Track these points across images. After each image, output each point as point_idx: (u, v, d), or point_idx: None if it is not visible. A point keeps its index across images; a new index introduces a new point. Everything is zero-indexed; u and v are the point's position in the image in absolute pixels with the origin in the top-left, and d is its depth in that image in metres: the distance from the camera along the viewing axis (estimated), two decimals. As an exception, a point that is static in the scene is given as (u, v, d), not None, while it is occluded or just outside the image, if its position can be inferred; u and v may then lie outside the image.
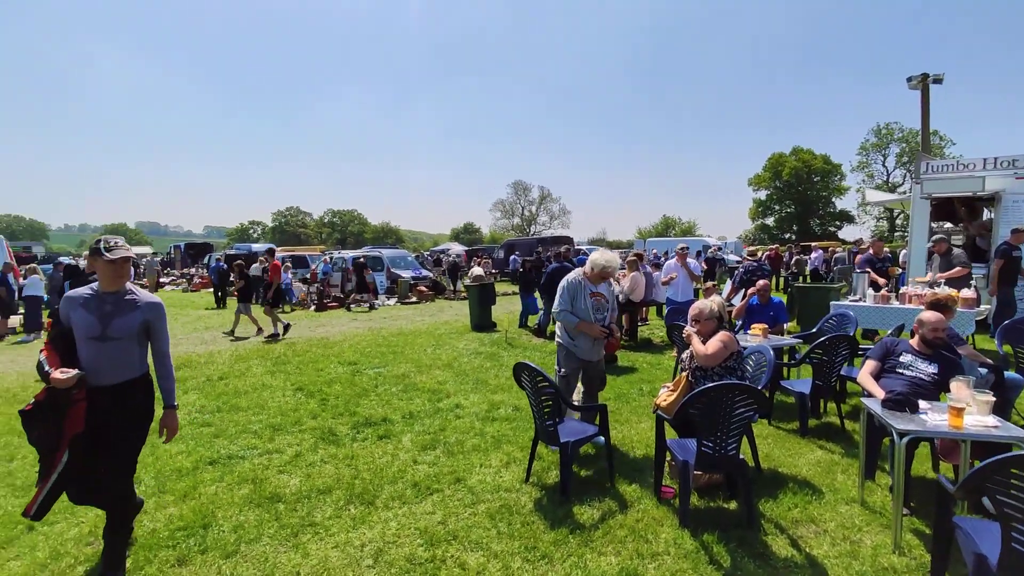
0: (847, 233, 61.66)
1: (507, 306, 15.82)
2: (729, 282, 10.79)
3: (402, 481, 4.20)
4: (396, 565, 3.11)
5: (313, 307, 16.96)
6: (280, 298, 11.51)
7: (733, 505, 3.73)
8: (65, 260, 15.98)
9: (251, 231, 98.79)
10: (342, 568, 3.09)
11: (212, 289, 20.33)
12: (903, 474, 3.23)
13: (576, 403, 4.74)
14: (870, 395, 3.81)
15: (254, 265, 20.02)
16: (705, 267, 20.05)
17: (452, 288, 21.05)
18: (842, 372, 5.29)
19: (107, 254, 2.91)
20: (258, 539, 3.41)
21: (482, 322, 11.63)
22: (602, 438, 4.22)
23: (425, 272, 21.66)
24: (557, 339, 4.76)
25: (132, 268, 9.56)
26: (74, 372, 2.76)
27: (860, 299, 8.30)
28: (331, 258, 21.35)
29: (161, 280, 26.09)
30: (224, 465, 4.57)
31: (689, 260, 9.23)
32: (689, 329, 4.30)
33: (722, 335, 4.03)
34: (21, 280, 12.88)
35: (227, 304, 19.90)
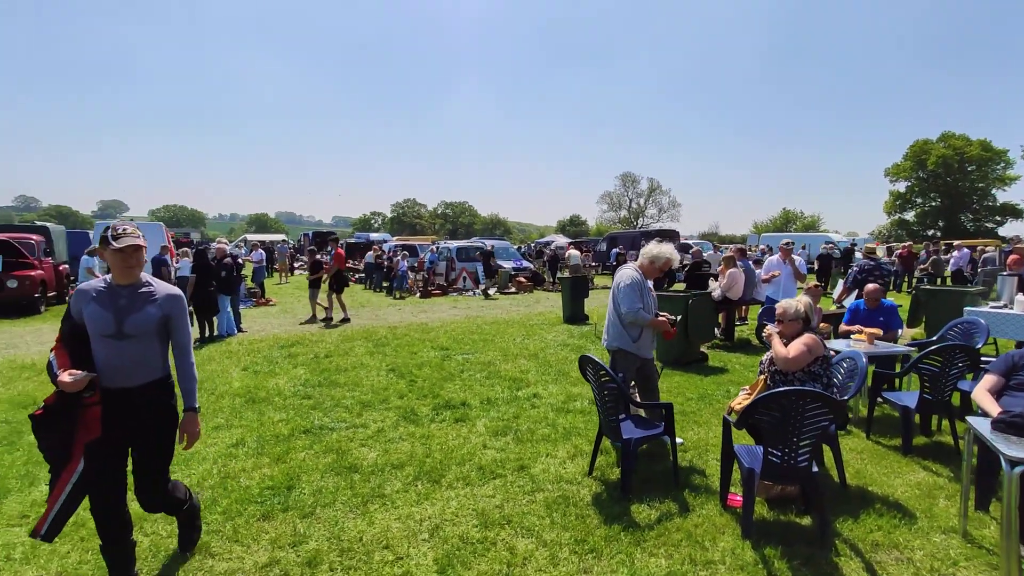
0: (1012, 229, 53.26)
1: (602, 299, 15.62)
2: (841, 283, 9.86)
3: (470, 463, 4.36)
4: (449, 542, 3.25)
5: (419, 294, 17.86)
6: (343, 284, 11.98)
7: (807, 521, 3.47)
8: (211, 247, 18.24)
9: (372, 221, 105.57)
10: (400, 539, 3.29)
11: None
12: (1015, 509, 2.81)
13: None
14: (985, 413, 3.35)
15: (368, 253, 21.44)
16: (816, 265, 18.49)
17: (552, 280, 21.13)
18: (962, 386, 4.67)
19: (114, 243, 2.57)
20: (332, 504, 3.72)
21: (574, 314, 11.60)
22: (667, 437, 4.08)
23: (526, 263, 21.95)
24: (612, 343, 4.55)
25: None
26: (82, 374, 2.48)
27: (1006, 306, 7.22)
28: (437, 248, 22.29)
29: (293, 265, 28.65)
30: (315, 435, 5.01)
31: (796, 256, 8.55)
32: (771, 328, 4.03)
33: (806, 338, 3.73)
34: (175, 263, 14.87)
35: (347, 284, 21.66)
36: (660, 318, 4.43)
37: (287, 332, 10.57)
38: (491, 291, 17.54)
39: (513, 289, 18.92)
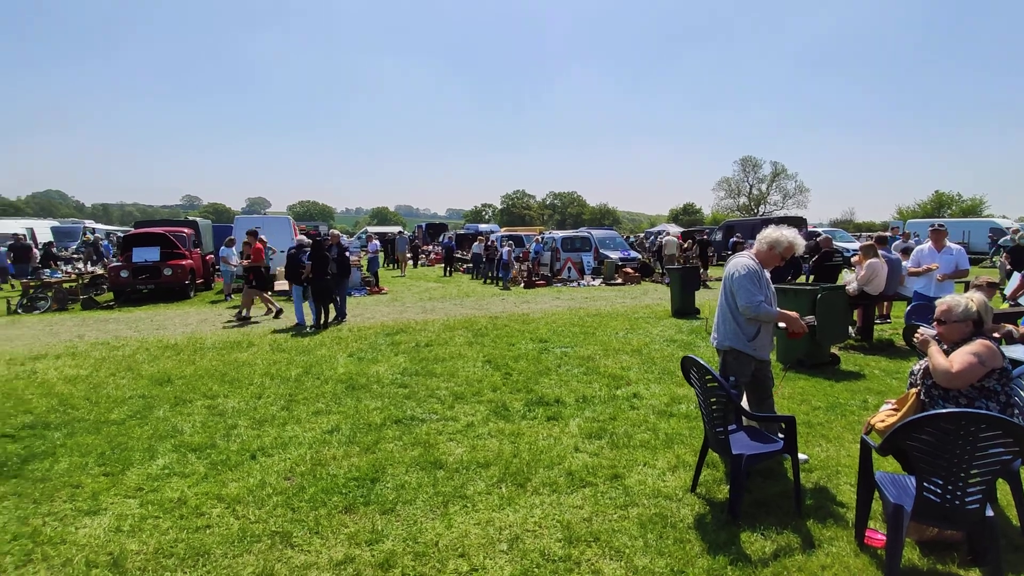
0: None
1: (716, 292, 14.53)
2: (1018, 276, 8.22)
3: (559, 467, 4.06)
4: (528, 557, 2.97)
5: (523, 284, 17.78)
6: (265, 282, 11.86)
7: (976, 575, 2.76)
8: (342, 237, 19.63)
9: (483, 213, 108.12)
10: (477, 548, 3.07)
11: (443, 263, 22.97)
12: None
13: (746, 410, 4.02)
14: None
15: (475, 244, 21.77)
16: (1007, 261, 15.30)
17: (661, 271, 20.12)
18: None
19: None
20: (413, 501, 3.59)
21: (683, 308, 10.83)
22: (787, 455, 3.50)
23: (634, 254, 21.10)
24: (723, 343, 3.96)
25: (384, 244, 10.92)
26: None
27: None
28: (542, 238, 22.09)
29: (416, 256, 29.68)
30: (406, 426, 4.97)
31: (952, 245, 7.22)
32: (926, 332, 3.28)
33: (977, 345, 2.97)
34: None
35: (452, 275, 22.22)
36: (791, 313, 3.82)
37: (394, 320, 10.88)
38: (581, 282, 17.00)
39: (620, 280, 18.24)
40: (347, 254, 11.46)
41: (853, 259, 8.49)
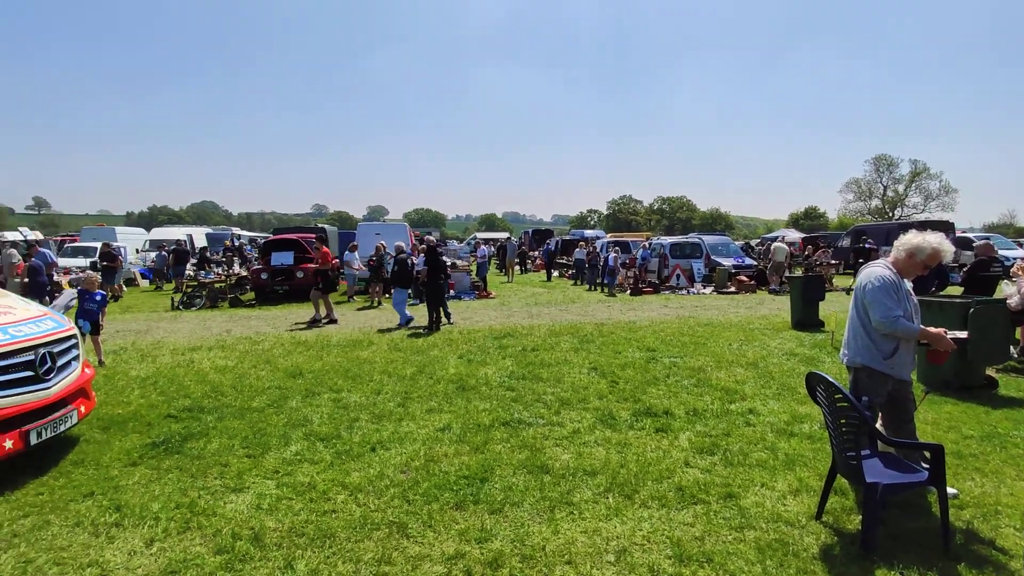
0: None
1: (843, 302, 13.31)
2: None
3: (668, 481, 3.94)
4: (636, 571, 2.92)
5: (629, 291, 17.45)
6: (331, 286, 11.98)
7: None
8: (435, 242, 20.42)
9: (588, 219, 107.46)
10: (584, 556, 3.06)
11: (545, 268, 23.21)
12: None
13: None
14: None
15: (576, 250, 21.71)
16: None
17: (780, 279, 18.81)
18: None
19: None
20: (520, 504, 3.65)
21: (805, 319, 10.05)
22: (933, 488, 3.13)
23: (749, 261, 19.93)
24: (854, 359, 3.63)
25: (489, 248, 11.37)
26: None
27: None
28: (650, 244, 21.53)
29: (524, 262, 30.14)
30: (513, 428, 5.07)
31: None
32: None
33: None
34: (416, 257, 16.90)
35: (552, 280, 22.34)
36: (935, 330, 3.44)
37: (501, 324, 11.13)
38: (691, 290, 16.23)
39: (733, 289, 17.31)
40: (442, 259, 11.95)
41: (1013, 269, 7.43)
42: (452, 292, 15.62)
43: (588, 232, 40.48)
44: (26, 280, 12.21)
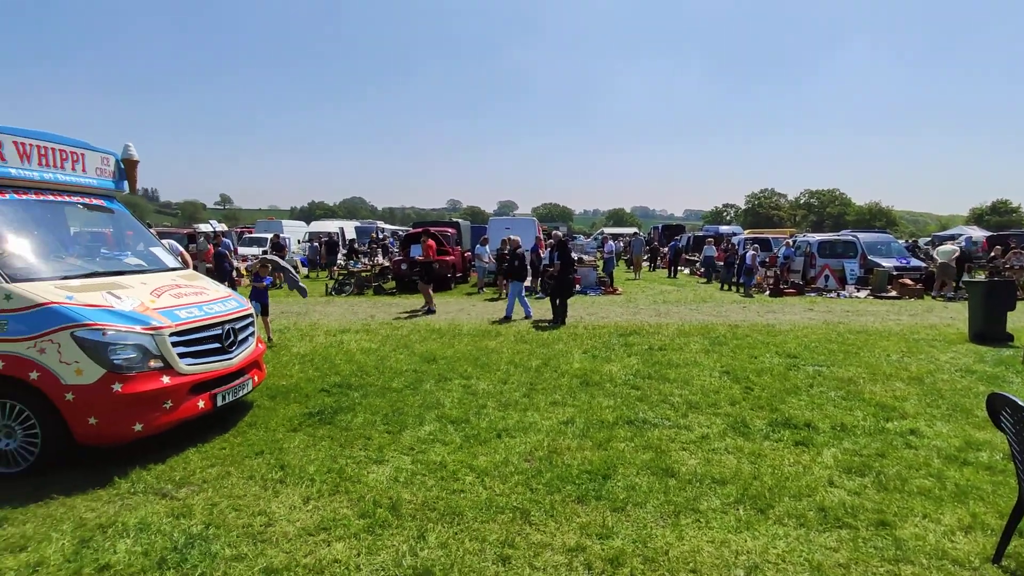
0: None
1: None
2: None
3: (808, 499, 3.64)
4: (768, 589, 2.75)
5: (768, 292, 16.24)
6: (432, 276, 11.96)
7: None
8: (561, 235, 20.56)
9: (724, 213, 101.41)
10: (710, 567, 2.94)
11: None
12: None
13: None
14: None
15: (705, 247, 20.72)
16: None
17: (955, 284, 16.37)
18: None
19: None
20: (643, 504, 3.59)
21: (987, 331, 8.64)
22: None
23: (916, 262, 17.59)
24: None
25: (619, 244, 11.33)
26: None
27: None
28: (794, 241, 19.81)
29: (654, 260, 29.30)
30: (637, 428, 4.98)
31: None
32: None
33: None
34: (543, 252, 17.16)
35: (676, 277, 21.48)
36: None
37: (627, 321, 10.94)
38: (842, 294, 14.55)
39: (893, 293, 15.39)
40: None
41: None
42: (578, 287, 15.62)
43: (723, 228, 38.19)
44: (210, 265, 14.26)
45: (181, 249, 9.24)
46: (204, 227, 27.53)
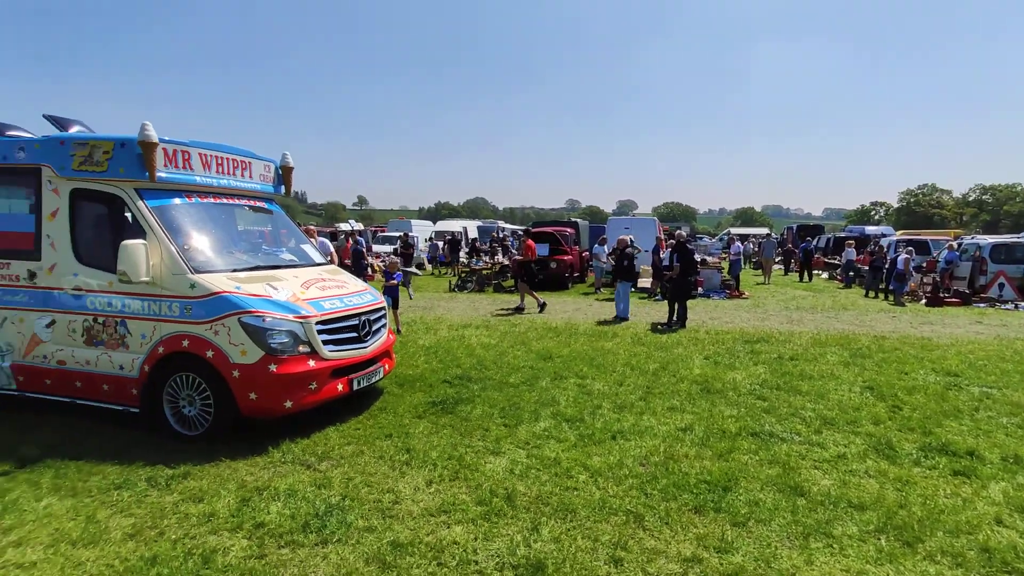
0: None
1: None
2: None
3: (968, 537, 3.22)
4: (914, 629, 2.48)
5: (924, 300, 14.42)
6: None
7: None
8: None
9: (872, 213, 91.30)
10: (843, 595, 2.72)
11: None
12: None
13: None
14: None
15: (846, 249, 18.93)
16: None
17: None
18: None
19: None
20: (767, 522, 3.39)
21: None
22: None
23: None
24: None
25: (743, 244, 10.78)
26: None
27: None
28: (958, 244, 17.34)
29: (789, 262, 27.16)
30: (763, 441, 4.69)
31: None
32: None
33: None
34: (663, 253, 16.65)
35: (813, 280, 19.68)
36: None
37: (754, 327, 10.29)
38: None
39: (1095, 306, 12.94)
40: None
41: None
42: (700, 290, 14.97)
43: (870, 229, 34.41)
44: (347, 262, 15.58)
45: (332, 249, 10.19)
46: (343, 226, 30.08)
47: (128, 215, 4.82)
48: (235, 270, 5.03)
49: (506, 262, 20.11)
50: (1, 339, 5.13)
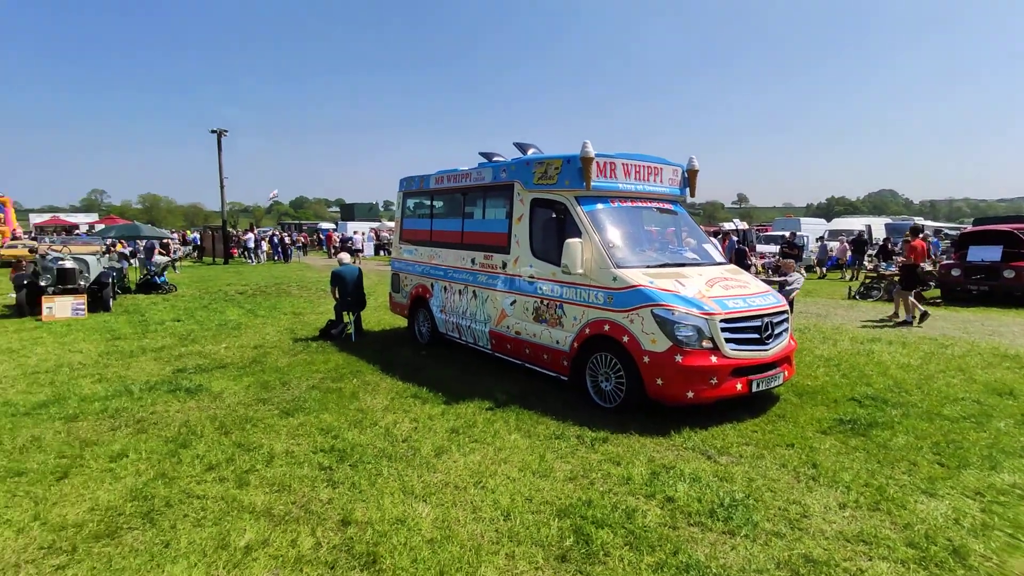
0: None
1: None
2: None
3: None
4: None
5: None
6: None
7: None
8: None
9: None
10: None
11: None
12: None
13: None
14: None
15: None
16: None
17: None
18: None
19: None
20: None
21: None
22: None
23: None
24: None
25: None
26: None
27: None
28: None
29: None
30: None
31: None
32: None
33: None
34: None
35: None
36: None
37: None
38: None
39: None
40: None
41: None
42: None
43: None
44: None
45: (719, 248, 10.34)
46: (728, 225, 29.55)
47: (570, 218, 5.90)
48: (648, 266, 5.60)
49: (928, 267, 16.36)
50: (485, 311, 7.00)
